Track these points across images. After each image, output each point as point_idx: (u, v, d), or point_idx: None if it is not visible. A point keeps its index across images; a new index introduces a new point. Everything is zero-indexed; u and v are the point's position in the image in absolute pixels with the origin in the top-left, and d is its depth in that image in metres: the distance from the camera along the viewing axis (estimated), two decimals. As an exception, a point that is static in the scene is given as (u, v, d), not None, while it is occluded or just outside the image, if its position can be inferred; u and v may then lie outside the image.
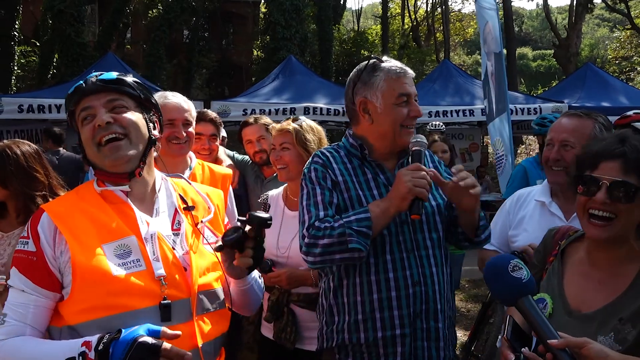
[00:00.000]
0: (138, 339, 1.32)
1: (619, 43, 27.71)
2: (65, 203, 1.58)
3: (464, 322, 5.92)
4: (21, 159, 2.46)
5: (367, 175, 2.03)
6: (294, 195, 2.68)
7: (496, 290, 1.52)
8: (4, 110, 8.40)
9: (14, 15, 17.55)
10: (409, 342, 1.92)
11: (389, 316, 1.91)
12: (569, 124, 2.30)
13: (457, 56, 36.24)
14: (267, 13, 20.35)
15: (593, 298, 1.59)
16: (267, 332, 2.70)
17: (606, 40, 43.63)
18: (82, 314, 1.44)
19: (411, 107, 1.99)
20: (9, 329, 1.45)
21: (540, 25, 57.90)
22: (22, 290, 1.47)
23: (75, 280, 1.45)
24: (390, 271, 1.93)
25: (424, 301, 1.94)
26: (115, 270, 1.46)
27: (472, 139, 12.66)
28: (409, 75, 2.02)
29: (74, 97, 1.60)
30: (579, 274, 1.67)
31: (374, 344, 1.93)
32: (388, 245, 1.94)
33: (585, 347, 1.35)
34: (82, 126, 1.58)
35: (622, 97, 10.47)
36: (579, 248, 1.72)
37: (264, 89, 10.64)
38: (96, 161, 1.59)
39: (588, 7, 22.72)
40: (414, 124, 2.01)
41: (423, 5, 32.14)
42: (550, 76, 38.25)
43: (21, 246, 1.51)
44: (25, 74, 19.57)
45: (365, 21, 40.50)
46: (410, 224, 1.98)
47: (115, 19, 18.79)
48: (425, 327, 1.94)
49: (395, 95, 1.97)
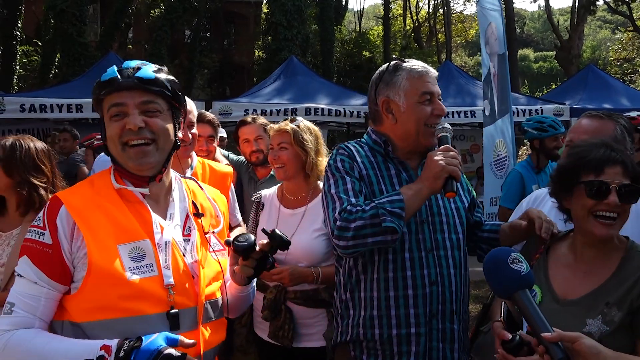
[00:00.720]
0: (163, 351, 1.33)
1: (620, 45, 27.71)
2: (83, 197, 1.53)
3: (464, 323, 5.91)
4: (32, 150, 2.56)
5: (390, 171, 2.04)
6: (290, 193, 2.72)
7: (494, 281, 1.54)
8: (5, 109, 8.42)
9: (16, 15, 17.60)
10: (424, 342, 1.92)
11: (404, 314, 1.91)
12: (590, 126, 2.26)
13: (458, 57, 36.22)
14: (269, 13, 20.37)
15: (579, 286, 1.70)
16: (261, 333, 2.70)
17: (608, 42, 43.62)
18: (89, 312, 1.42)
19: (435, 106, 2.00)
20: (17, 319, 1.43)
21: (542, 26, 57.90)
22: (34, 282, 1.44)
23: (89, 278, 1.43)
24: (408, 269, 1.93)
25: (441, 302, 1.94)
26: (130, 274, 1.45)
27: (474, 140, 12.64)
28: (432, 74, 2.03)
29: (107, 88, 1.52)
30: (564, 268, 1.78)
31: (389, 341, 1.93)
32: (407, 244, 1.94)
33: (577, 342, 1.38)
34: (110, 121, 1.53)
35: (623, 98, 10.47)
36: (562, 246, 1.85)
37: (265, 89, 10.65)
38: (118, 159, 1.56)
39: (590, 9, 22.69)
40: (438, 122, 2.01)
41: (425, 6, 32.19)
42: (552, 78, 38.24)
43: (35, 236, 1.47)
44: (27, 73, 19.61)
45: (367, 22, 40.52)
46: (431, 223, 1.99)
47: (117, 18, 18.81)
48: (441, 327, 1.94)
49: (418, 94, 1.99)
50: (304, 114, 8.76)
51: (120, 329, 1.39)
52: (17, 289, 1.46)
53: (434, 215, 2.00)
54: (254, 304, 2.74)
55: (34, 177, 2.51)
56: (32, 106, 8.53)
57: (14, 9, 17.56)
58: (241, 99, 10.22)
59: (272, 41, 19.48)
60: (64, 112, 8.73)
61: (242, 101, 9.88)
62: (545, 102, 10.45)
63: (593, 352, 1.38)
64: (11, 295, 1.46)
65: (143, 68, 1.54)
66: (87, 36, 17.23)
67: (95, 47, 17.59)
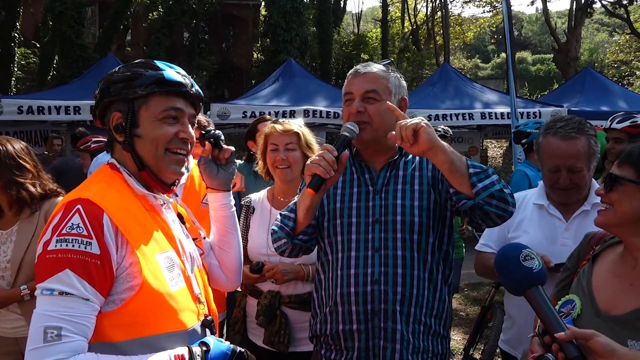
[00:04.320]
0: (236, 350, 1.40)
1: (618, 47, 27.78)
2: (114, 201, 1.39)
3: (463, 325, 5.91)
4: (10, 150, 2.59)
5: (353, 175, 2.10)
6: (283, 195, 2.71)
7: (506, 279, 1.51)
8: (3, 111, 8.42)
9: (14, 17, 17.57)
10: (365, 339, 1.95)
11: (347, 311, 1.97)
12: (570, 149, 2.27)
13: (456, 60, 36.28)
14: (268, 16, 20.38)
15: (624, 300, 1.57)
16: (255, 339, 2.67)
17: (605, 44, 43.73)
18: (128, 329, 1.31)
19: (351, 110, 2.02)
20: (72, 345, 1.23)
21: (539, 29, 58.00)
22: (86, 299, 1.26)
23: (140, 292, 1.32)
24: (352, 267, 1.98)
25: (382, 300, 1.94)
26: (172, 287, 1.40)
27: (472, 142, 12.67)
28: (359, 72, 2.07)
29: (169, 87, 1.47)
30: (609, 276, 1.65)
31: (337, 337, 2.00)
32: (354, 243, 1.99)
33: (592, 340, 1.34)
34: (159, 122, 1.46)
35: (621, 101, 10.52)
36: (612, 253, 1.71)
37: (263, 91, 10.67)
38: (151, 161, 1.48)
39: (587, 11, 22.77)
40: (355, 120, 2.00)
41: (423, 9, 32.21)
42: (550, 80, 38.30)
43: (78, 246, 1.27)
44: (25, 75, 19.57)
45: (365, 24, 40.56)
46: (383, 223, 1.99)
47: (115, 20, 18.80)
48: (383, 326, 1.94)
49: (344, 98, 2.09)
50: (302, 116, 8.78)
51: (159, 345, 1.33)
52: (62, 309, 1.24)
53: (388, 215, 1.99)
54: (248, 310, 2.71)
55: (19, 176, 2.57)
56: (30, 108, 8.54)
57: (12, 11, 17.53)
58: (239, 101, 10.22)
59: (271, 43, 19.49)
60: (62, 114, 8.73)
61: (240, 103, 9.89)
62: (544, 105, 10.48)
63: (608, 349, 1.33)
64: (49, 317, 1.23)
65: (196, 85, 1.55)
66: (85, 38, 17.23)
67: (93, 49, 17.59)
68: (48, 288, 1.24)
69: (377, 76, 2.04)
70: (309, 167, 1.83)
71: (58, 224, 1.30)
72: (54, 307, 1.24)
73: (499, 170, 18.00)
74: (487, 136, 14.47)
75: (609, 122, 3.74)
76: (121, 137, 1.48)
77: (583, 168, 2.29)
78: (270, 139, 2.70)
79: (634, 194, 1.55)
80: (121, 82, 1.46)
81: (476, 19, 33.48)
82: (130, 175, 1.49)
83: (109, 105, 1.49)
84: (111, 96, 1.47)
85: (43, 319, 1.23)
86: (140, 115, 1.46)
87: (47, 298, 1.24)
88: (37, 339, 1.21)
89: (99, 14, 22.78)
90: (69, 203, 1.34)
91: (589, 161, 2.30)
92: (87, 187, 1.42)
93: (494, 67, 47.33)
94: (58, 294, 1.24)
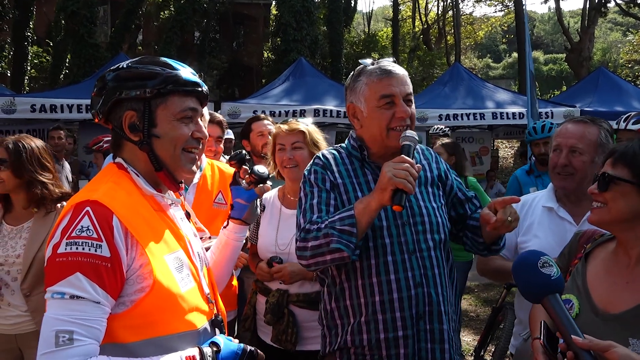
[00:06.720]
0: (247, 349, 1.41)
1: (631, 47, 27.49)
2: (124, 202, 1.37)
3: (474, 326, 5.88)
4: (36, 149, 2.65)
5: (367, 177, 2.03)
6: (293, 194, 2.71)
7: (523, 285, 1.49)
8: (17, 109, 8.50)
9: (27, 17, 17.79)
10: (412, 344, 1.91)
11: (391, 318, 1.90)
12: (576, 130, 2.29)
13: (467, 59, 36.09)
14: (278, 15, 20.43)
15: (620, 298, 1.57)
16: (264, 337, 2.69)
17: (619, 44, 43.30)
18: (139, 330, 1.31)
19: (397, 109, 1.95)
20: (84, 349, 1.22)
21: (552, 29, 57.56)
22: (97, 303, 1.25)
23: (150, 294, 1.31)
24: (391, 273, 1.91)
25: (427, 303, 1.92)
26: (182, 287, 1.39)
27: (483, 142, 12.59)
28: (395, 75, 1.97)
29: (187, 87, 1.46)
30: (604, 275, 1.65)
31: (377, 346, 1.92)
32: (389, 247, 1.93)
33: (609, 351, 1.32)
34: (177, 122, 1.45)
35: (634, 101, 10.39)
36: (604, 251, 1.71)
37: (274, 90, 10.69)
38: (168, 160, 1.46)
39: (601, 10, 22.52)
40: (404, 125, 1.95)
41: (434, 8, 32.11)
42: (562, 80, 38.01)
43: (89, 249, 1.26)
44: (38, 74, 19.80)
45: (375, 24, 40.47)
46: (412, 225, 1.96)
47: (127, 20, 18.95)
48: (429, 328, 1.92)
49: (377, 98, 1.95)
50: (312, 115, 8.78)
51: (170, 345, 1.33)
52: (70, 313, 1.23)
53: (415, 216, 1.97)
54: (257, 307, 2.74)
55: (42, 175, 2.61)
56: (42, 106, 8.61)
57: (25, 10, 17.74)
58: (250, 100, 10.25)
59: (281, 42, 19.52)
60: (74, 113, 8.80)
61: (250, 102, 9.92)
62: (556, 105, 10.39)
63: None
64: (61, 321, 1.22)
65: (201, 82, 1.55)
66: (97, 37, 17.40)
67: (105, 49, 17.74)
68: (59, 292, 1.23)
69: (406, 76, 2.02)
70: (392, 182, 1.74)
71: (67, 227, 1.28)
72: (65, 310, 1.22)
73: (510, 171, 17.88)
74: (498, 136, 14.39)
75: (623, 123, 3.69)
76: (137, 136, 1.43)
77: (584, 152, 2.25)
78: (278, 139, 2.72)
79: (629, 194, 1.57)
80: (134, 80, 1.42)
81: (487, 18, 33.34)
82: (139, 175, 1.45)
83: (118, 103, 1.43)
84: (122, 94, 1.42)
85: (54, 323, 1.22)
86: (157, 114, 1.43)
87: (58, 302, 1.23)
88: (49, 343, 1.20)
89: (111, 13, 22.97)
90: (78, 205, 1.31)
91: (593, 150, 2.26)
92: (95, 187, 1.39)
93: (505, 67, 47.08)
94: (69, 298, 1.23)
